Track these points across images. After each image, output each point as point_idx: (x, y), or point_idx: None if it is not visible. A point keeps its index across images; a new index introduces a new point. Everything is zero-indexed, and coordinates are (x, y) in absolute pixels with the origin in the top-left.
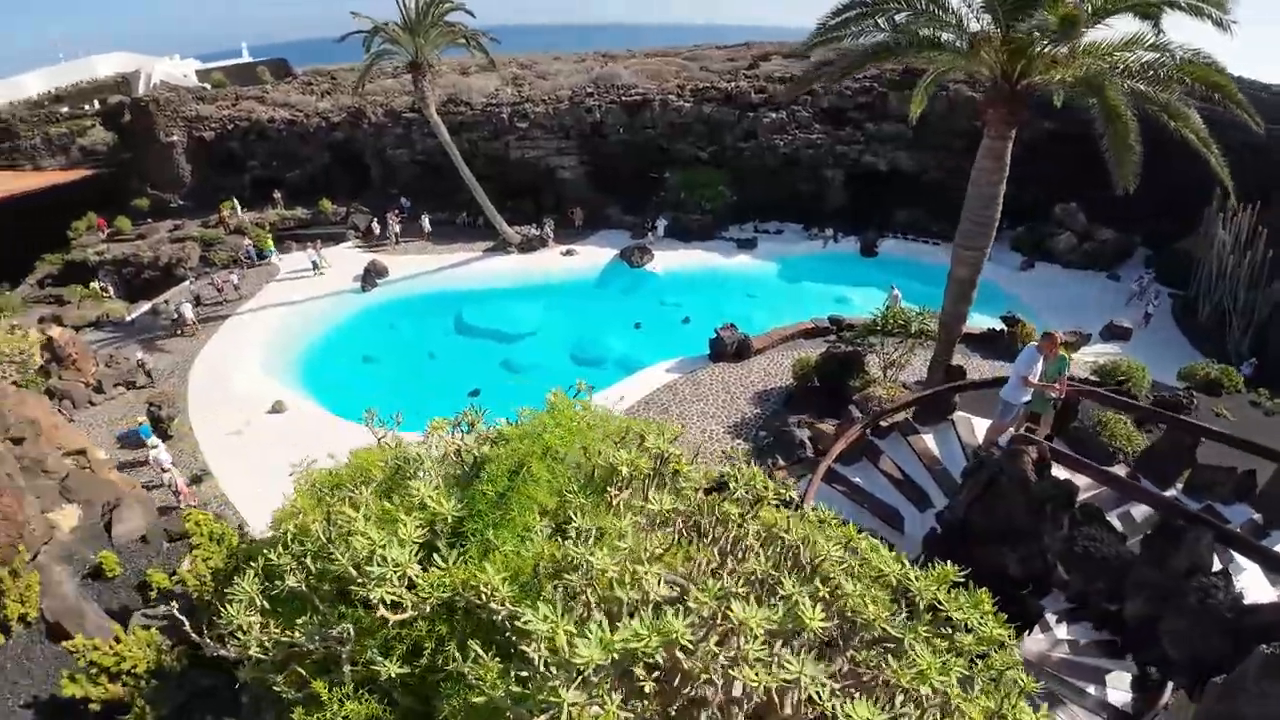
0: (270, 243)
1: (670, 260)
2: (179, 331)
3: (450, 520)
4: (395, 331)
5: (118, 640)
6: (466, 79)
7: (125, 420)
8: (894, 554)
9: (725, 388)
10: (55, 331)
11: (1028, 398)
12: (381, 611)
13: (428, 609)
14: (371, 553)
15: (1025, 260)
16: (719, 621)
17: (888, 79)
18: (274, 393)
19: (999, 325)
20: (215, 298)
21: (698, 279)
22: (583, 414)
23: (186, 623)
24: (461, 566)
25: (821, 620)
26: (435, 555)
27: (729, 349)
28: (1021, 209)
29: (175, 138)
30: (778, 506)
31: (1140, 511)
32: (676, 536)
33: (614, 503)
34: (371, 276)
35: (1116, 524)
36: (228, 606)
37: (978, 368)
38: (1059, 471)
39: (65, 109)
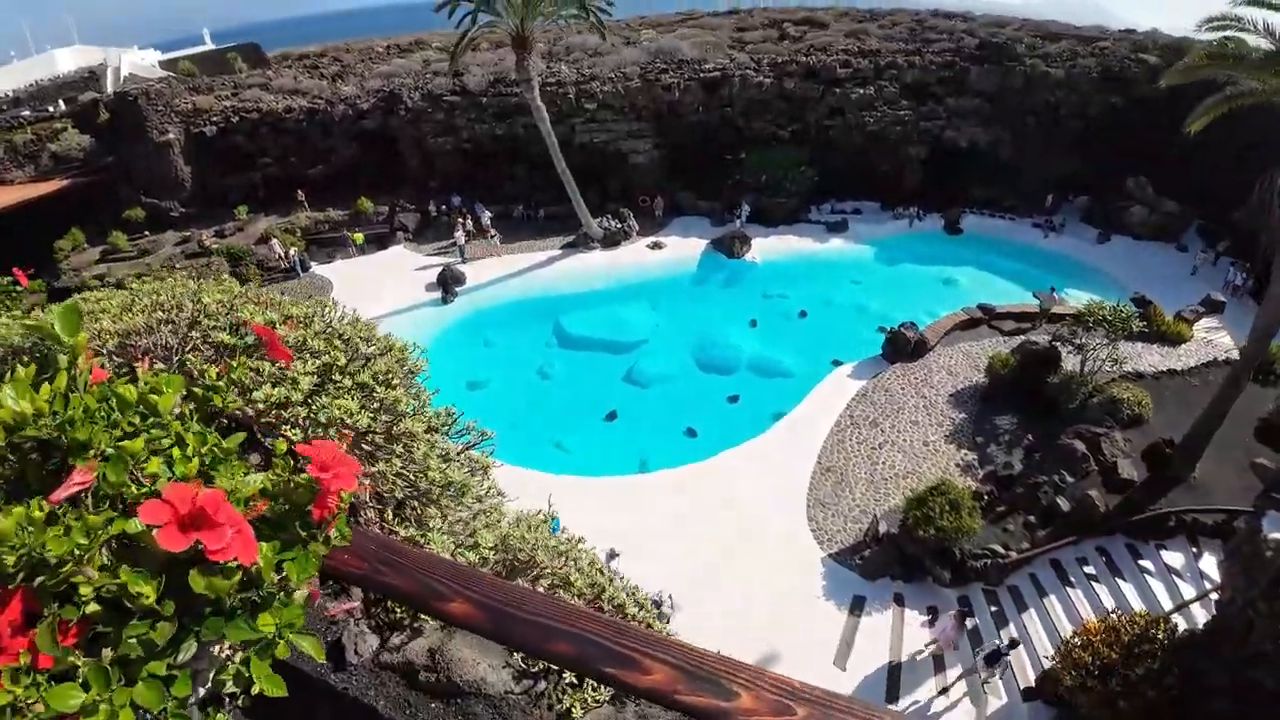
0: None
1: (765, 248)
2: None
3: None
4: (492, 350)
5: None
6: (504, 55)
7: None
8: None
9: (917, 391)
10: None
11: None
12: None
13: None
14: None
15: (1101, 233)
16: None
17: (968, 53)
18: None
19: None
20: None
21: (797, 267)
22: None
23: None
24: None
25: None
26: None
27: (908, 347)
28: (1089, 182)
29: (171, 135)
30: None
31: None
32: None
33: None
34: (450, 285)
35: None
36: None
37: (1124, 353)
38: None
39: (27, 112)
